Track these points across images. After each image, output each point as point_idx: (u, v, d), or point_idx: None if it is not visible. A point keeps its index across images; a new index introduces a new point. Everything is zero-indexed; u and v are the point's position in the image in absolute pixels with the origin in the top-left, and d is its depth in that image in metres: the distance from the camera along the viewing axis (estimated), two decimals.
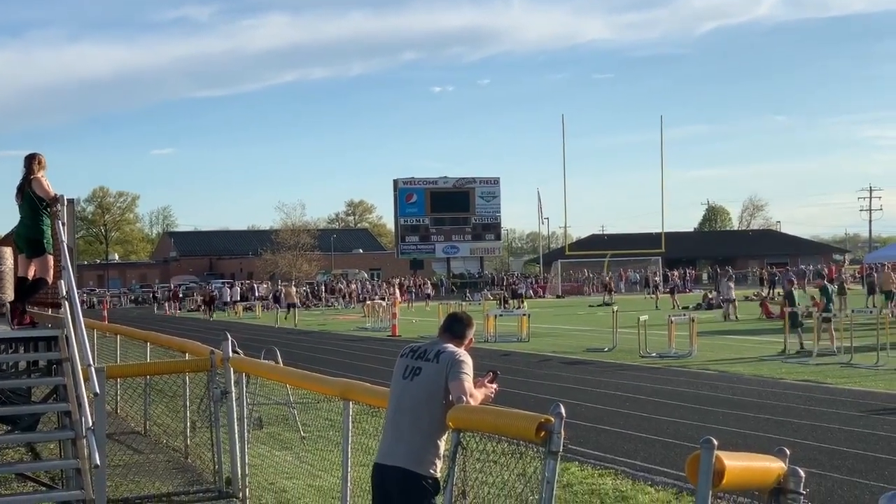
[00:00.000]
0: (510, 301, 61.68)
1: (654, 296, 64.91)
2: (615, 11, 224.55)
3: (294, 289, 64.04)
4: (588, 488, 11.42)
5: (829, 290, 28.90)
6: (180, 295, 78.99)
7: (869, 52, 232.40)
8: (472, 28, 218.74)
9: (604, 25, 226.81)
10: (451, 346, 6.62)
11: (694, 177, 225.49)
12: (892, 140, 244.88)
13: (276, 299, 62.72)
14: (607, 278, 74.16)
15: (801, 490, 4.26)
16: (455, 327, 6.86)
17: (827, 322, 27.22)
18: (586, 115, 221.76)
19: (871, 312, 31.45)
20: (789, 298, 29.00)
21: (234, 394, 11.37)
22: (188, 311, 74.48)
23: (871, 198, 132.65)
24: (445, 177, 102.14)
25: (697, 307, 50.06)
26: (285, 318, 52.47)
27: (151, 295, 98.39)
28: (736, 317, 43.18)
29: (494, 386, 6.77)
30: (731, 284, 47.83)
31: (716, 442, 3.93)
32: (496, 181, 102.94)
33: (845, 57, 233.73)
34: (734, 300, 45.43)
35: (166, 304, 77.98)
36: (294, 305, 55.15)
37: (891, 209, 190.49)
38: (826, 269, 79.85)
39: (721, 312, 45.31)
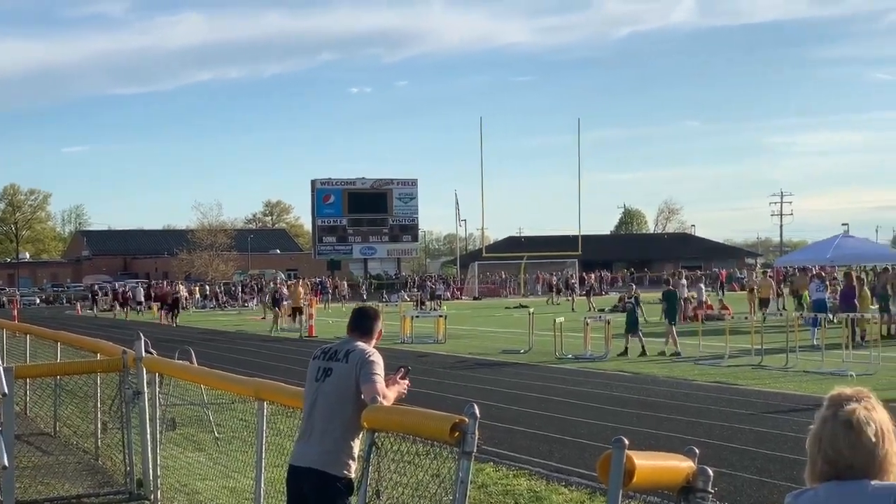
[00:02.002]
0: (427, 302, 61.73)
1: (568, 298, 65.35)
2: (534, 15, 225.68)
3: (182, 287, 63.62)
4: (503, 489, 11.47)
5: (676, 295, 29.74)
6: (98, 294, 77.73)
7: (780, 60, 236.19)
8: (389, 29, 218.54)
9: (522, 29, 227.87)
10: (360, 345, 6.62)
11: (610, 180, 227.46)
12: (802, 146, 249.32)
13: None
14: (555, 280, 74.18)
15: (710, 489, 4.32)
16: (362, 323, 6.86)
17: (671, 325, 28.38)
18: (505, 118, 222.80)
19: (780, 315, 31.96)
20: (668, 298, 29.47)
21: (146, 394, 11.24)
22: (101, 310, 73.47)
23: (781, 203, 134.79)
24: (363, 178, 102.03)
25: (613, 309, 50.50)
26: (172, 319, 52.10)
27: (64, 294, 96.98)
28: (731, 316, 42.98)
29: (406, 382, 6.79)
30: (702, 286, 48.40)
31: (626, 442, 3.97)
32: (414, 183, 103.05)
33: (757, 64, 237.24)
34: (705, 301, 45.80)
35: (78, 304, 76.82)
36: (176, 306, 54.25)
37: (801, 214, 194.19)
38: (720, 273, 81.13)
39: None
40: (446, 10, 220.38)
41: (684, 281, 49.57)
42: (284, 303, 45.57)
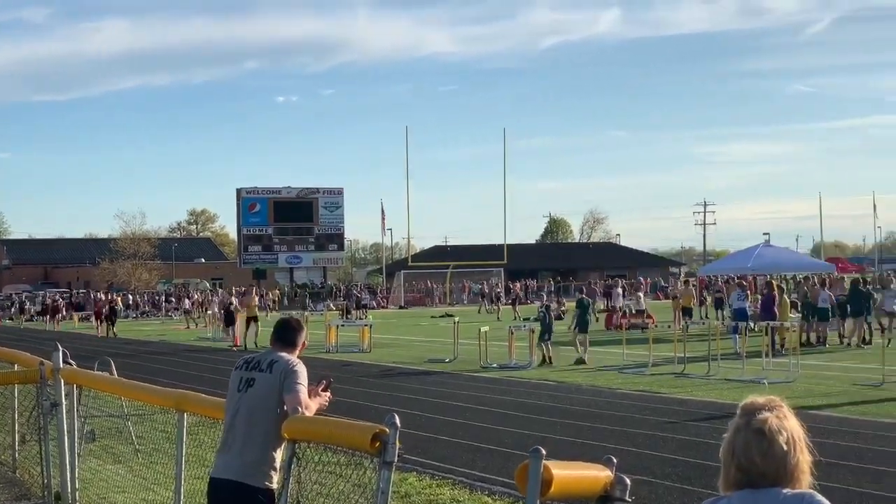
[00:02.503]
0: (353, 311, 61.54)
1: (495, 307, 65.49)
2: (459, 24, 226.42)
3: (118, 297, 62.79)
4: (426, 498, 11.46)
5: (586, 302, 30.44)
6: (27, 304, 76.41)
7: (704, 71, 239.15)
8: (316, 37, 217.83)
9: (448, 38, 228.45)
10: (284, 356, 6.58)
11: (536, 189, 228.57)
12: (726, 157, 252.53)
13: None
14: (498, 290, 73.94)
15: (627, 497, 4.35)
16: (286, 335, 6.82)
17: (583, 333, 28.70)
18: (431, 127, 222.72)
19: (703, 323, 32.31)
20: (581, 306, 29.70)
21: (64, 406, 11.06)
22: (26, 320, 72.37)
23: (705, 212, 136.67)
24: (289, 187, 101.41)
25: (536, 319, 50.54)
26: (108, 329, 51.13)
27: None
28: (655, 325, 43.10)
29: (328, 394, 6.75)
30: (641, 295, 48.62)
31: (544, 451, 3.98)
32: (340, 192, 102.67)
33: (682, 75, 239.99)
34: (644, 310, 46.07)
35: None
36: (113, 316, 52.84)
37: (724, 223, 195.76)
38: (644, 282, 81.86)
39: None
40: (372, 18, 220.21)
41: (620, 290, 50.02)
42: (239, 313, 41.67)
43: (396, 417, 5.38)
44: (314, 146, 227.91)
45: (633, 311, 45.49)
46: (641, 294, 49.84)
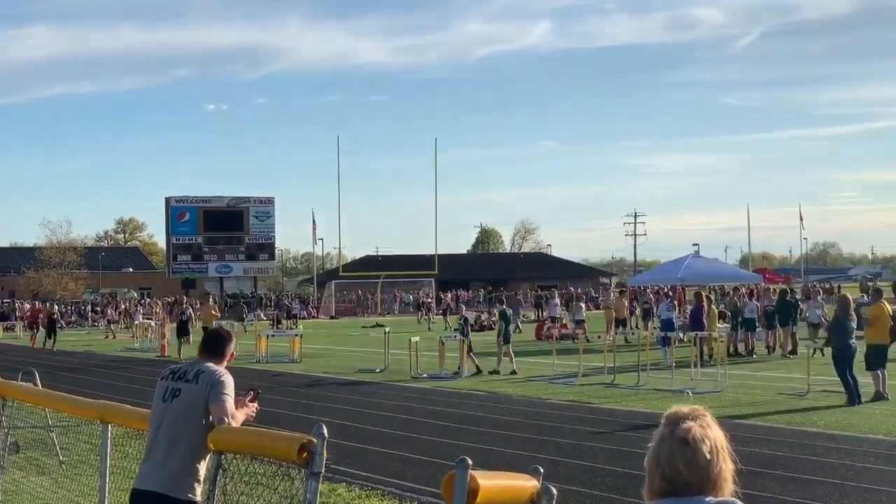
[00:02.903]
0: (283, 321, 61.20)
1: (426, 317, 65.48)
2: (391, 34, 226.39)
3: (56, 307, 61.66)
4: None
5: (508, 314, 30.63)
6: None
7: (635, 82, 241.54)
8: (247, 46, 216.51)
9: (380, 48, 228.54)
10: (210, 366, 6.51)
11: (468, 199, 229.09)
12: (656, 168, 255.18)
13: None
14: (429, 300, 73.51)
15: None
16: (214, 345, 6.76)
17: (506, 343, 28.68)
18: (363, 137, 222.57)
19: (633, 334, 32.54)
20: (503, 318, 29.84)
21: None
22: None
23: (635, 223, 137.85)
24: (219, 196, 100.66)
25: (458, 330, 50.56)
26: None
27: None
28: (587, 338, 42.89)
29: (255, 405, 6.70)
30: (583, 305, 48.72)
31: (470, 461, 3.97)
32: (271, 201, 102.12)
33: (613, 86, 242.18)
34: (584, 321, 46.19)
35: None
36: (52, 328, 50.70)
37: (654, 234, 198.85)
38: (574, 292, 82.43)
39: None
40: (304, 27, 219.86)
41: (557, 300, 50.19)
42: (194, 322, 42.05)
43: (324, 428, 5.34)
44: (245, 155, 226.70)
45: (574, 321, 45.72)
46: (582, 304, 50.05)
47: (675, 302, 34.38)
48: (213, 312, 40.15)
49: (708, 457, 3.15)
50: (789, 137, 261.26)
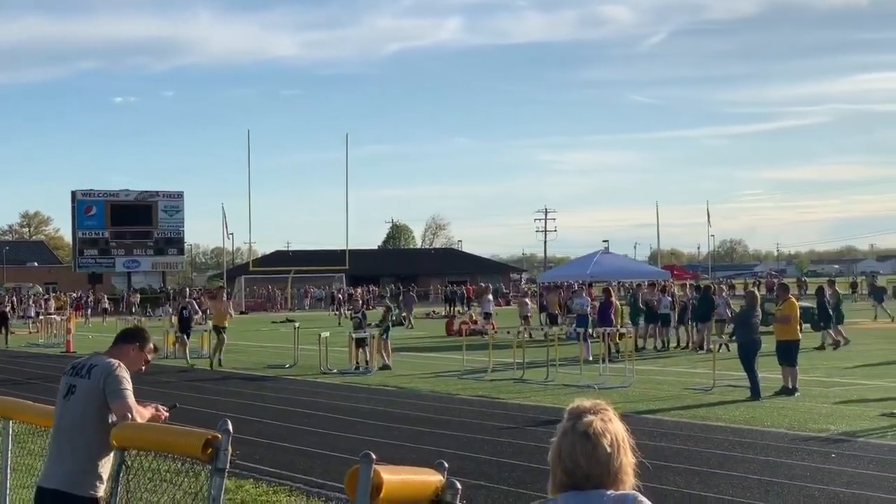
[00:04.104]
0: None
1: (337, 313, 65.27)
2: (302, 29, 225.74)
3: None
4: None
5: (393, 309, 31.03)
6: None
7: (546, 80, 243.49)
8: (156, 38, 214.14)
9: (291, 42, 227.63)
10: (104, 359, 6.40)
11: (379, 195, 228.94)
12: (566, 164, 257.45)
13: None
14: (339, 295, 73.22)
15: (458, 501, 4.35)
16: (121, 339, 6.67)
17: (384, 339, 28.70)
18: (274, 132, 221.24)
19: (541, 330, 32.73)
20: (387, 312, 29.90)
21: None
22: None
23: (546, 219, 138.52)
24: (127, 190, 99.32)
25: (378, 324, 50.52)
26: None
27: None
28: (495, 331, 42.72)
29: (166, 414, 6.61)
30: (490, 298, 48.76)
31: (374, 456, 3.96)
32: (180, 195, 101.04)
33: (523, 83, 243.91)
34: (491, 314, 46.19)
35: None
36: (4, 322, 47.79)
37: (564, 231, 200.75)
38: (466, 289, 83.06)
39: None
40: (214, 20, 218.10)
41: (490, 296, 50.33)
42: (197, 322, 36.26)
43: (229, 423, 5.29)
44: (154, 149, 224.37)
45: (484, 315, 45.86)
46: (490, 297, 50.21)
47: (590, 297, 34.51)
48: (229, 311, 33.40)
49: (608, 450, 3.18)
50: (697, 135, 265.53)
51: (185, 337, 33.34)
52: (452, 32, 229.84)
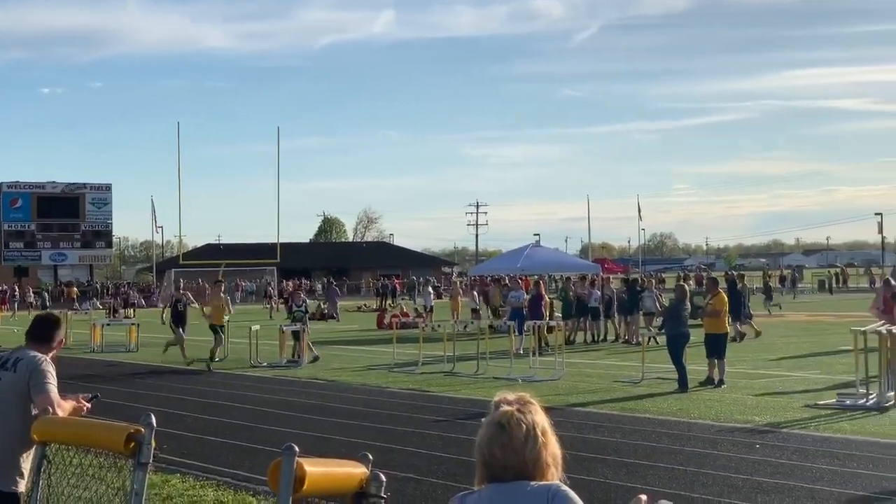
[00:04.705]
0: (120, 310, 59.97)
1: (269, 306, 64.95)
2: (233, 20, 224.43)
3: None
4: (189, 500, 11.23)
5: (304, 305, 30.82)
6: None
7: (477, 74, 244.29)
8: (83, 28, 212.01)
9: (222, 34, 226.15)
10: (30, 353, 6.33)
11: (311, 188, 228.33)
12: (498, 158, 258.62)
13: None
14: (270, 288, 72.77)
15: (382, 494, 4.34)
16: (39, 331, 6.58)
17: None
18: (205, 124, 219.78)
19: (472, 322, 32.81)
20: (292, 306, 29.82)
21: None
22: None
23: (477, 213, 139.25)
24: (54, 182, 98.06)
25: (311, 318, 50.43)
26: None
27: None
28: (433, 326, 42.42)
29: (88, 405, 6.52)
30: (431, 291, 48.72)
31: (297, 449, 3.94)
32: (108, 188, 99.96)
33: (455, 76, 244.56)
34: (432, 307, 46.17)
35: None
36: None
37: (496, 224, 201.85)
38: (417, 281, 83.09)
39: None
40: (143, 11, 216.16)
41: (431, 289, 50.46)
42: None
43: (152, 417, 5.25)
44: (81, 140, 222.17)
45: (424, 308, 45.97)
46: (431, 290, 50.22)
47: (524, 291, 34.63)
48: (226, 306, 30.20)
49: (522, 440, 3.19)
50: (628, 130, 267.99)
51: (182, 332, 30.07)
52: (384, 25, 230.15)
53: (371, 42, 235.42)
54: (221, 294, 30.09)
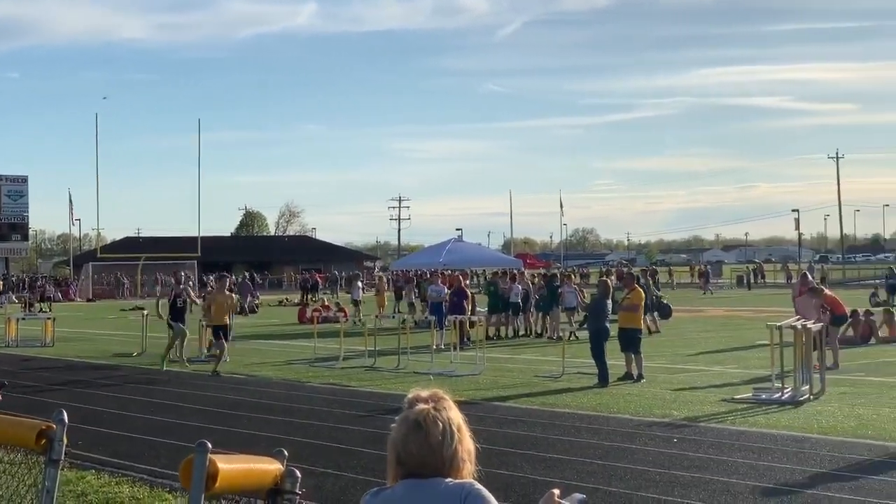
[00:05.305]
0: (36, 304, 59.07)
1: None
2: (154, 11, 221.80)
3: None
4: (103, 497, 11.07)
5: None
6: None
7: (401, 68, 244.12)
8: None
9: (142, 25, 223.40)
10: None
11: (232, 182, 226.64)
12: (421, 153, 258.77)
13: None
14: (191, 281, 72.16)
15: (298, 490, 4.29)
16: None
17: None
18: (124, 116, 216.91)
19: (393, 318, 32.74)
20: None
21: None
22: None
23: (400, 207, 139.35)
24: None
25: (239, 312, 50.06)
26: None
27: None
28: (360, 320, 42.23)
29: None
30: (360, 285, 48.47)
31: (209, 445, 3.88)
32: (24, 179, 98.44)
33: (379, 70, 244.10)
34: (360, 300, 45.97)
35: None
36: None
37: (418, 219, 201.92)
38: (338, 276, 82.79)
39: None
40: (61, 0, 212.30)
41: (360, 283, 50.24)
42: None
43: (64, 413, 5.15)
44: None
45: (355, 302, 45.91)
46: (360, 285, 50.05)
47: (445, 285, 34.64)
48: (231, 302, 26.57)
49: (439, 438, 3.18)
50: (551, 125, 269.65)
51: (182, 326, 26.16)
52: (307, 18, 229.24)
53: (293, 35, 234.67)
54: (226, 292, 25.78)
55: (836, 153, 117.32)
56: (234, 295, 25.81)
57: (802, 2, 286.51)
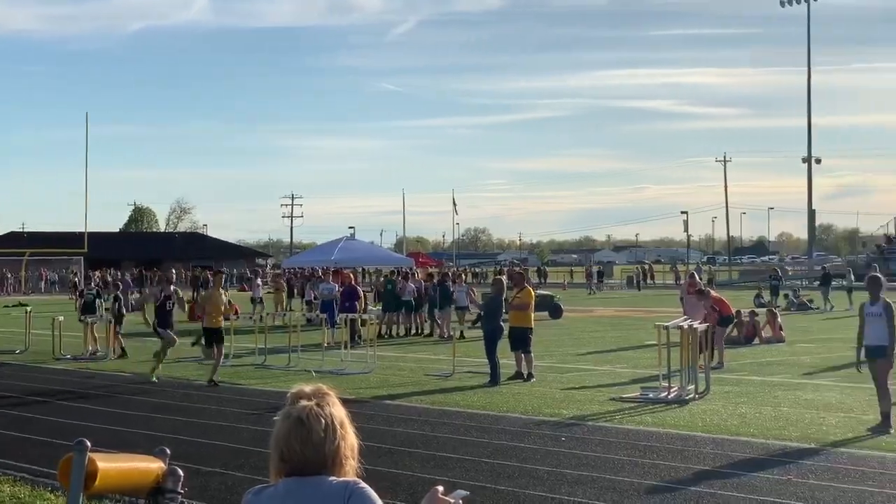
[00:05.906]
0: None
1: (73, 297, 63.16)
2: (42, 2, 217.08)
3: None
4: None
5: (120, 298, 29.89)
6: None
7: (293, 65, 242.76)
8: None
9: (32, 16, 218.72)
10: None
11: (121, 177, 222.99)
12: (312, 150, 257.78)
13: None
14: (76, 278, 70.75)
15: (180, 489, 4.24)
16: None
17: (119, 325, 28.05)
18: (10, 108, 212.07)
19: (284, 316, 32.57)
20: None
21: None
22: None
23: (292, 205, 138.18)
24: None
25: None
26: None
27: None
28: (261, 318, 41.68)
29: None
30: (260, 283, 47.98)
31: (89, 444, 3.81)
32: None
33: (271, 67, 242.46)
34: (261, 298, 45.57)
35: None
36: None
37: (311, 217, 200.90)
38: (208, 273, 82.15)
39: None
40: None
41: (259, 281, 49.81)
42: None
43: None
44: None
45: (254, 300, 45.66)
46: (259, 283, 49.65)
47: (336, 283, 34.54)
48: (223, 302, 22.47)
49: (322, 435, 3.16)
50: (444, 125, 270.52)
51: (171, 333, 23.34)
52: (199, 13, 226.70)
53: (185, 29, 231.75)
54: (220, 291, 22.77)
55: (724, 156, 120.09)
56: (224, 296, 22.67)
57: (692, 6, 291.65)
